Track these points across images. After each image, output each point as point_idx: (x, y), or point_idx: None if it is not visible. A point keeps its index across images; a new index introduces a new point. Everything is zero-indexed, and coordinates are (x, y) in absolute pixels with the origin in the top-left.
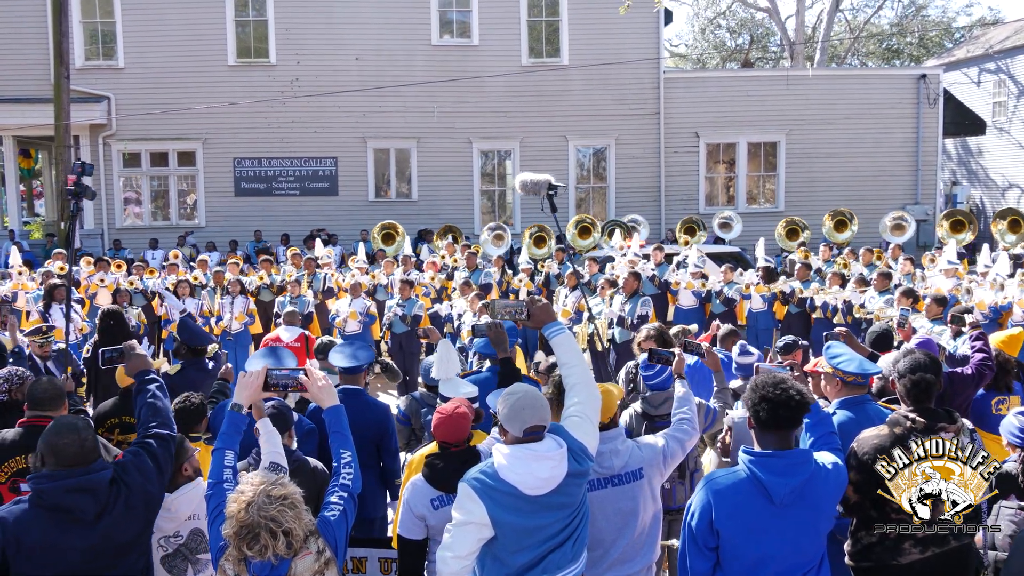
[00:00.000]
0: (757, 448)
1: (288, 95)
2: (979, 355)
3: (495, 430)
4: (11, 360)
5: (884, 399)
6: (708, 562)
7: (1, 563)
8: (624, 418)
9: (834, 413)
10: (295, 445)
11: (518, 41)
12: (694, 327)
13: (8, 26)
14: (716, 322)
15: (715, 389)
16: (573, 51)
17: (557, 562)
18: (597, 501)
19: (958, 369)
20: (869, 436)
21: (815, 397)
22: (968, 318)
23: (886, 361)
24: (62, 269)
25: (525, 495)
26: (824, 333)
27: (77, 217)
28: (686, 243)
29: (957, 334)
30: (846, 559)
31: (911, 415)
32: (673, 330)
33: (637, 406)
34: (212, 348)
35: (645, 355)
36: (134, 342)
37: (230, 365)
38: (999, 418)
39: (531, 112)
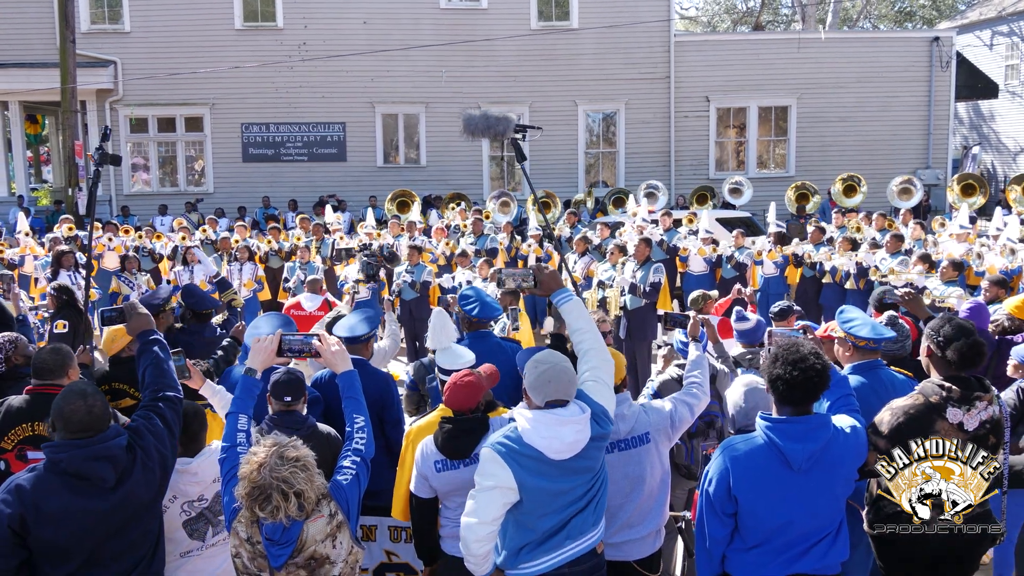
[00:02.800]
0: (775, 414)
1: (295, 59)
2: None
3: (514, 410)
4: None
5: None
6: (726, 528)
7: (21, 528)
8: (663, 379)
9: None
10: (305, 411)
11: (527, 4)
12: (714, 293)
13: None
14: (737, 286)
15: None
16: (583, 14)
17: (580, 526)
18: None
19: (1011, 337)
20: (903, 405)
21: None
22: None
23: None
24: (71, 229)
25: (550, 459)
26: (882, 291)
27: (98, 184)
28: (690, 221)
29: (990, 302)
30: (864, 526)
31: (946, 384)
32: (693, 295)
33: (673, 371)
34: (218, 318)
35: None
36: (135, 301)
37: (243, 323)
38: None
39: (541, 76)
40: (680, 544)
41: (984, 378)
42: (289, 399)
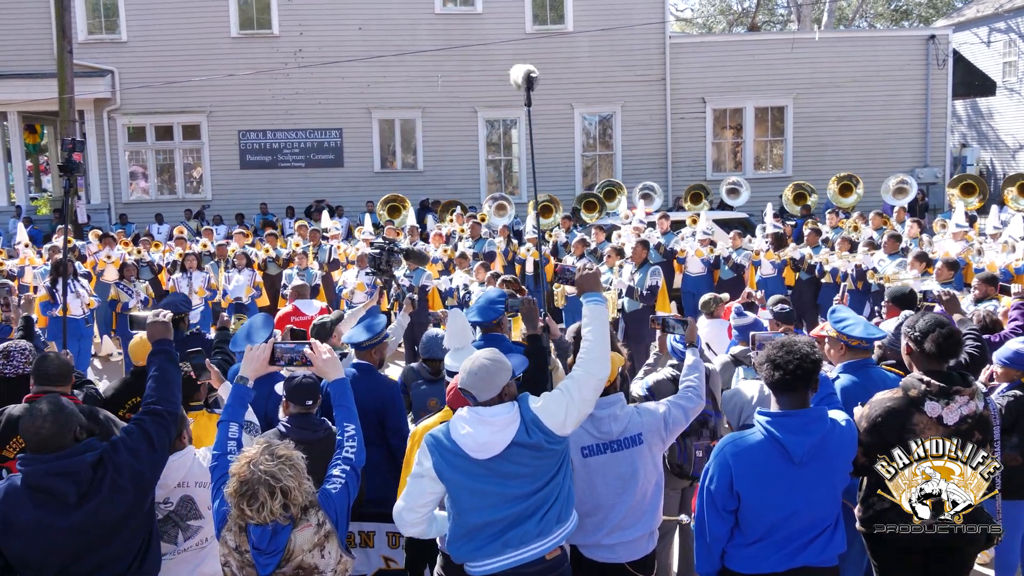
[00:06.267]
0: (774, 409)
1: (292, 66)
2: (1013, 324)
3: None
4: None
5: (885, 363)
6: (726, 524)
7: None
8: (657, 379)
9: (837, 377)
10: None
11: (522, 8)
12: (725, 296)
13: (10, 0)
14: (748, 289)
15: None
16: (578, 17)
17: (519, 536)
18: (596, 466)
19: (986, 336)
20: (882, 398)
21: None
22: (1015, 287)
23: (888, 326)
24: (70, 242)
25: (470, 457)
26: (898, 289)
27: (71, 194)
28: (693, 221)
29: (980, 299)
30: (857, 525)
31: (925, 378)
32: (704, 298)
33: (668, 371)
34: (223, 338)
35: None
36: (163, 310)
37: (226, 315)
38: None
39: (536, 79)
40: (676, 545)
41: (967, 373)
42: (310, 403)
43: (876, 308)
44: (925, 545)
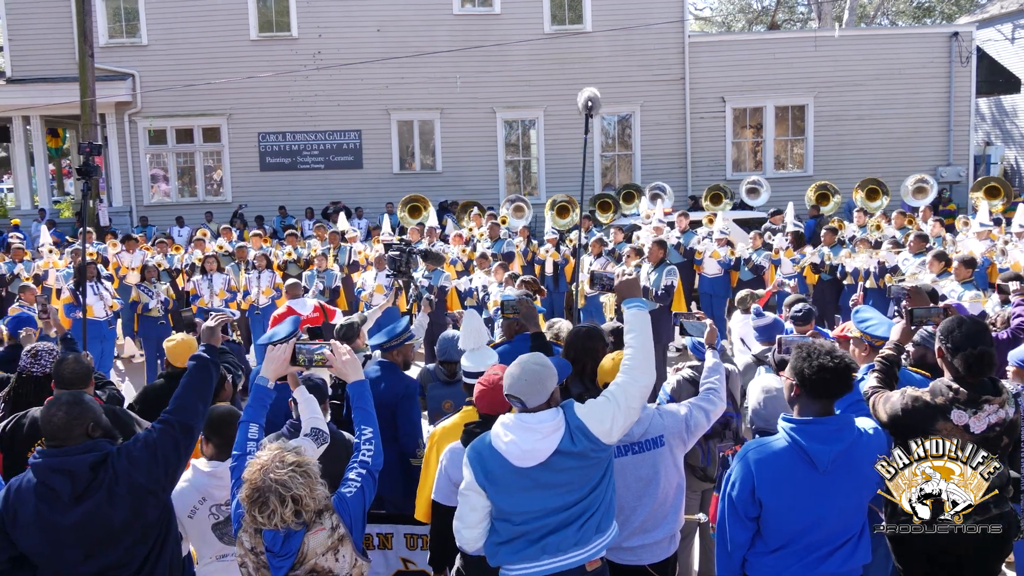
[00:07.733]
0: (796, 415)
1: (311, 68)
2: (1017, 320)
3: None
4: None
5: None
6: (748, 532)
7: (2, 530)
8: (676, 379)
9: (862, 379)
10: (328, 418)
11: (540, 8)
12: (761, 291)
13: (32, 5)
14: (778, 278)
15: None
16: (596, 17)
17: (556, 544)
18: (617, 468)
19: (993, 333)
20: (912, 394)
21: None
22: (1013, 285)
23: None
24: (92, 254)
25: (512, 466)
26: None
27: (89, 196)
28: (710, 220)
29: (1006, 301)
30: (882, 526)
31: (954, 385)
32: (740, 294)
33: (686, 371)
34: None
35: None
36: (221, 313)
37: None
38: None
39: (555, 80)
40: (697, 547)
41: (998, 380)
42: None
43: (898, 308)
44: (952, 550)
